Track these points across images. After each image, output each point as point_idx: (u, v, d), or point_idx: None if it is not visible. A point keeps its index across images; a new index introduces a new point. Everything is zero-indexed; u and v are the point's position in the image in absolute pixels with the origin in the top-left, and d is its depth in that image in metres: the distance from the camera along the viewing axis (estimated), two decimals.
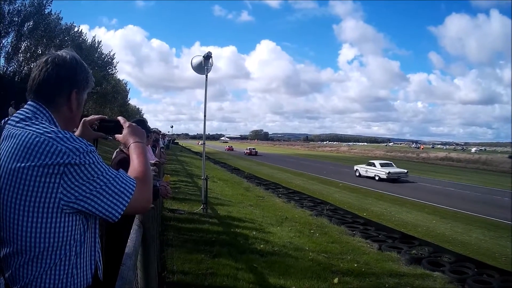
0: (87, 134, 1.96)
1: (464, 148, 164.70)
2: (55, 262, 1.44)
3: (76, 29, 41.59)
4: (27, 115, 1.54)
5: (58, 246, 1.43)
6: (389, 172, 30.01)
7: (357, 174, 33.75)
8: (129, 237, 2.55)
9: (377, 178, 30.92)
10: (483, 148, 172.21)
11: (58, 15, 36.23)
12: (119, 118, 1.96)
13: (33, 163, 1.37)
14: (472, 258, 10.41)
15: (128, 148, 1.84)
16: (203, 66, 11.29)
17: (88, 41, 45.82)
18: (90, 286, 1.57)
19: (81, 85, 1.67)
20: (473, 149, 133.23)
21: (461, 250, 11.48)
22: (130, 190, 1.53)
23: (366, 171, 32.78)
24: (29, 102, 1.59)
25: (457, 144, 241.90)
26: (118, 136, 1.92)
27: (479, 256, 10.84)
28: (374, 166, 32.18)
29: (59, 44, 33.33)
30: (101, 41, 49.87)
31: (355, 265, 7.92)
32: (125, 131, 1.89)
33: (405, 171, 31.74)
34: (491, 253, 11.53)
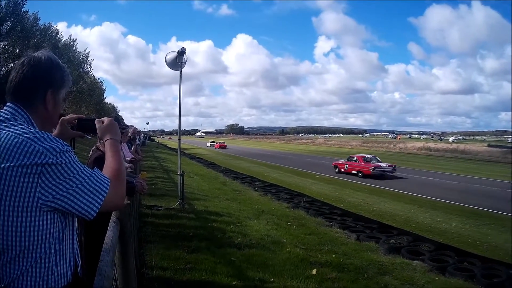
0: (66, 133, 2.01)
1: (442, 137, 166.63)
2: (35, 260, 1.46)
3: (53, 28, 40.96)
4: (6, 116, 1.56)
5: (38, 244, 1.46)
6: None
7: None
8: (106, 234, 2.56)
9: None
10: (461, 137, 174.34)
11: (36, 16, 35.69)
12: (96, 121, 1.98)
13: (12, 164, 1.39)
14: (452, 246, 10.52)
15: (104, 142, 1.88)
16: (177, 62, 11.23)
17: (64, 40, 45.06)
18: (71, 283, 1.60)
19: (56, 85, 1.69)
20: (451, 138, 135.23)
21: (441, 238, 11.63)
22: (104, 189, 1.57)
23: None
24: (7, 104, 1.62)
25: (434, 134, 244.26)
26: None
27: (459, 244, 10.97)
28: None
29: (36, 44, 32.76)
30: (76, 39, 49.06)
31: (333, 256, 7.96)
32: (103, 125, 1.94)
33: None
34: (472, 241, 11.72)
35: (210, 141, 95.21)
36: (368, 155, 30.32)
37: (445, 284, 7.54)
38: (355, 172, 28.44)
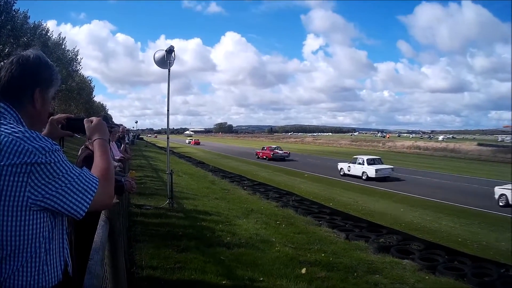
0: (55, 132, 2.01)
1: (431, 136, 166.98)
2: (26, 260, 1.45)
3: (43, 27, 40.74)
4: None
5: (29, 244, 1.45)
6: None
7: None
8: (96, 233, 2.56)
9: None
10: (450, 136, 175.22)
11: (26, 14, 35.50)
12: (84, 121, 1.99)
13: (2, 163, 1.39)
14: (442, 245, 10.62)
15: (93, 142, 1.89)
16: (166, 60, 11.23)
17: (54, 38, 44.71)
18: (61, 282, 1.59)
19: (44, 84, 1.69)
20: (440, 137, 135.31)
21: (431, 237, 11.76)
22: (93, 188, 1.57)
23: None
24: None
25: (423, 132, 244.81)
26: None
27: (449, 243, 11.10)
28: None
29: (26, 43, 32.57)
30: (65, 37, 48.72)
31: (323, 254, 8.00)
32: (91, 125, 1.95)
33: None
34: (462, 240, 11.85)
35: (188, 138, 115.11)
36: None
37: (435, 283, 7.58)
38: (265, 157, 42.45)
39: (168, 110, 12.20)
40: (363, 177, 27.10)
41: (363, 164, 27.78)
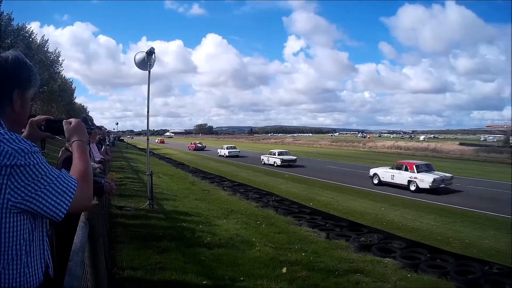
0: (35, 134, 2.00)
1: (412, 136, 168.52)
2: (7, 262, 1.45)
3: (27, 29, 40.31)
4: None
5: (9, 246, 1.45)
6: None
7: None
8: (76, 234, 2.56)
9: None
10: (431, 135, 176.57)
11: (10, 16, 35.04)
12: (64, 122, 1.99)
13: None
14: (424, 244, 10.62)
15: (72, 144, 1.90)
16: (146, 62, 11.20)
17: (37, 40, 44.46)
18: (42, 284, 1.60)
19: (23, 85, 1.68)
20: (422, 137, 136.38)
21: (413, 236, 11.78)
22: (72, 190, 1.58)
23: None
24: None
25: (404, 133, 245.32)
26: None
27: (432, 242, 11.13)
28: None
29: (10, 45, 32.09)
30: (48, 39, 48.65)
31: (303, 254, 8.05)
32: (70, 126, 1.95)
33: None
34: (444, 238, 11.92)
35: (157, 139, 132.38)
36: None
37: (418, 281, 7.61)
38: (190, 149, 52.38)
39: (148, 112, 12.21)
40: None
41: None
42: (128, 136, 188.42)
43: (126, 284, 5.13)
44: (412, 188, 21.52)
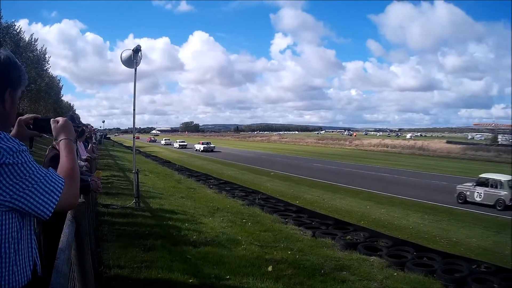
0: (23, 133, 2.00)
1: (399, 134, 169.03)
2: None
3: (15, 27, 39.82)
4: None
5: None
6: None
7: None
8: (62, 232, 2.56)
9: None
10: (418, 134, 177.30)
11: None
12: (51, 121, 2.00)
13: None
14: (411, 242, 10.69)
15: (59, 142, 1.91)
16: (133, 59, 11.16)
17: (26, 38, 43.79)
18: (30, 282, 1.60)
19: (14, 84, 1.68)
20: (408, 135, 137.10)
21: (399, 234, 11.90)
22: (59, 188, 1.59)
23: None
24: None
25: (391, 131, 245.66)
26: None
27: (418, 240, 11.28)
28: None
29: None
30: (37, 38, 48.09)
31: (289, 252, 8.04)
32: (58, 125, 1.96)
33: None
34: (431, 237, 12.07)
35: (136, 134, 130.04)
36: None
37: (404, 279, 7.61)
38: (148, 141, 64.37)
39: (134, 110, 12.14)
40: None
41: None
42: (115, 134, 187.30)
43: (113, 282, 5.12)
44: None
